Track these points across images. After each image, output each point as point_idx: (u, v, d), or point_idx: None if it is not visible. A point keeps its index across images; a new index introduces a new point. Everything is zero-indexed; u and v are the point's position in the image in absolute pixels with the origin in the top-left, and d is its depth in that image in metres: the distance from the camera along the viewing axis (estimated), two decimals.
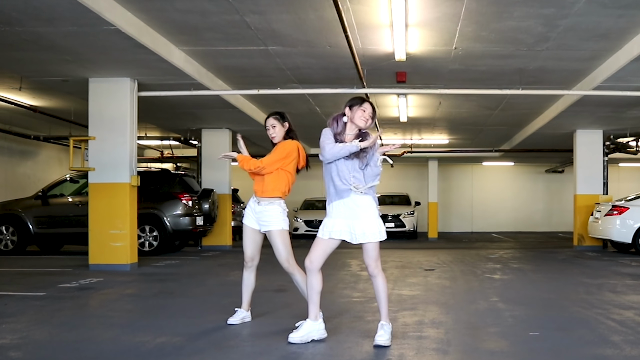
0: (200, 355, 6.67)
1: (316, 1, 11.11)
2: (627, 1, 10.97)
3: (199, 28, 12.71)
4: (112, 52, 13.07)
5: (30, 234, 19.25)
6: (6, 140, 25.11)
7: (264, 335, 7.59)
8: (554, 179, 40.81)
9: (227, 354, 6.75)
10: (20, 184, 26.25)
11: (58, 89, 17.10)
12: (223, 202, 23.02)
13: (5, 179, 25.72)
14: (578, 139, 23.52)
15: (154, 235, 19.18)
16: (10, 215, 19.40)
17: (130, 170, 15.19)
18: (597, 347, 7.04)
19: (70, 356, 6.67)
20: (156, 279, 13.68)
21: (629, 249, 20.99)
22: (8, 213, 19.46)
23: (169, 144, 28.29)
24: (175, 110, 19.69)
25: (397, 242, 27.98)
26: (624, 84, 15.29)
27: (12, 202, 20.10)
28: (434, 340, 7.35)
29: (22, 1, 10.14)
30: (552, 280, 13.70)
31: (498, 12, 11.65)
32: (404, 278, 13.64)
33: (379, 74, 16.10)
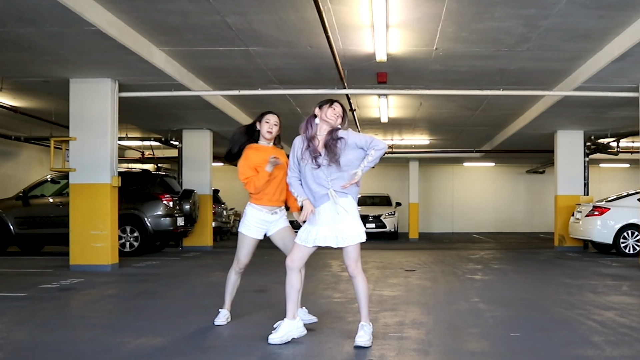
0: (181, 356, 6.66)
1: (297, 2, 11.13)
2: (607, 2, 11.01)
3: (179, 29, 12.73)
4: (93, 53, 13.07)
5: (10, 235, 19.18)
6: None
7: (245, 336, 7.57)
8: (535, 179, 40.92)
9: (208, 355, 6.72)
10: (0, 185, 26.23)
11: (39, 90, 17.08)
12: (204, 202, 22.99)
13: None
14: (559, 140, 23.61)
15: (134, 235, 19.17)
16: None
17: (111, 171, 15.15)
18: (578, 347, 7.04)
19: (51, 357, 6.65)
20: (137, 279, 13.67)
21: (610, 250, 21.03)
22: None
23: (150, 144, 28.40)
24: (156, 110, 19.69)
25: (378, 243, 27.99)
26: (605, 84, 15.33)
27: None
28: (414, 341, 7.35)
29: (3, 1, 10.16)
30: (533, 281, 13.74)
31: (479, 13, 11.69)
32: (384, 279, 13.66)
33: (360, 74, 16.09)
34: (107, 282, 13.00)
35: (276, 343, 7.01)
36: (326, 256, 18.16)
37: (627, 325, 8.30)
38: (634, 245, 19.61)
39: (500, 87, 16.28)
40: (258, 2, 11.21)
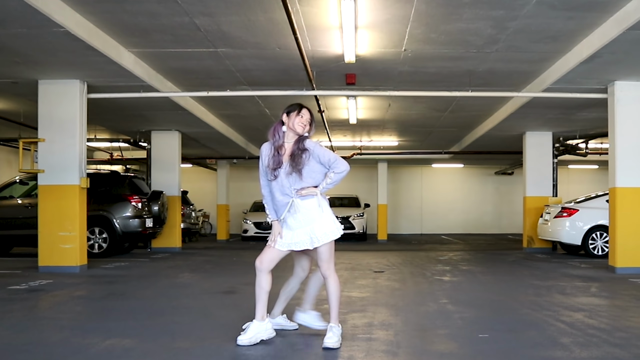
0: (149, 358, 6.65)
1: (266, 3, 11.13)
2: (576, 3, 11.05)
3: (148, 30, 12.69)
4: (62, 54, 13.04)
5: None
6: None
7: (214, 337, 7.57)
8: (504, 181, 40.96)
9: (177, 356, 6.73)
10: None
11: (7, 91, 17.03)
12: (172, 204, 23.00)
13: None
14: (527, 141, 23.69)
15: (103, 237, 19.16)
16: None
17: (79, 172, 15.16)
18: (547, 349, 7.07)
19: (20, 358, 6.62)
20: (106, 280, 13.63)
21: (579, 251, 21.15)
22: None
23: (119, 145, 28.33)
24: (125, 112, 19.67)
25: (346, 244, 27.98)
26: (574, 85, 15.41)
27: None
28: (383, 342, 7.37)
29: None
30: (502, 282, 13.77)
31: (447, 14, 11.69)
32: (353, 280, 13.67)
33: (329, 75, 16.10)
34: (76, 284, 12.97)
35: (245, 344, 7.02)
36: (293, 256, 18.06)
37: (595, 327, 8.33)
38: (603, 246, 19.65)
39: (468, 89, 16.37)
40: (226, 3, 11.20)
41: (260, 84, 17.05)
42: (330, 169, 7.09)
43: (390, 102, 20.25)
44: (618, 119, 15.18)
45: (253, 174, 38.47)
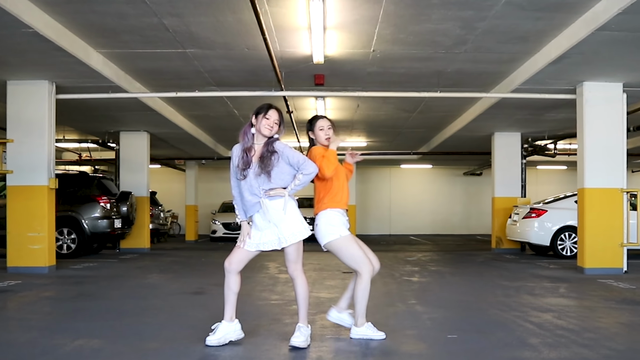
0: (118, 358, 6.65)
1: (234, 4, 11.13)
2: (544, 4, 11.10)
3: (117, 31, 12.67)
4: (30, 55, 13.03)
5: None
6: None
7: (183, 337, 7.55)
8: (472, 181, 41.01)
9: (146, 357, 6.71)
10: None
11: None
12: (141, 204, 23.00)
13: None
14: (496, 142, 23.76)
15: (72, 237, 19.19)
16: None
17: (48, 173, 15.14)
18: (516, 349, 7.08)
19: None
20: (74, 281, 13.59)
21: (547, 252, 21.26)
22: None
23: (87, 146, 28.18)
24: (94, 112, 19.64)
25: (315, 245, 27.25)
26: (542, 86, 15.49)
27: None
28: (351, 343, 7.37)
29: None
30: (470, 283, 13.80)
31: (416, 15, 11.71)
32: (322, 281, 13.68)
33: (297, 76, 16.13)
34: (45, 284, 12.93)
35: (213, 344, 7.01)
36: (263, 258, 18.22)
37: (564, 327, 8.36)
38: (571, 247, 19.70)
39: (437, 89, 16.45)
40: (195, 4, 11.21)
41: (229, 85, 17.08)
42: (299, 171, 7.09)
43: (358, 103, 20.29)
44: (587, 119, 15.25)
45: (222, 174, 38.47)
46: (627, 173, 15.57)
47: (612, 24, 10.88)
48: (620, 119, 15.31)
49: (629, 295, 11.61)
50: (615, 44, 12.18)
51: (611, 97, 15.30)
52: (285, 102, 18.36)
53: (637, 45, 12.28)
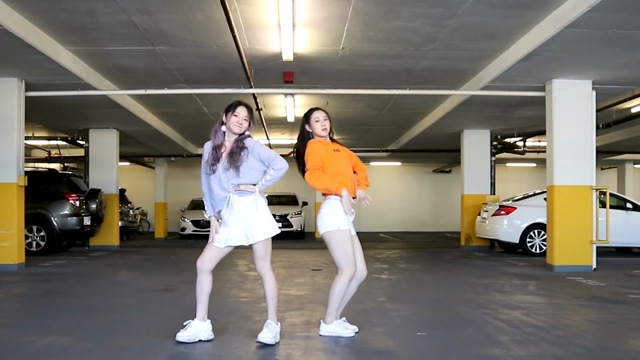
0: (88, 355, 6.62)
1: (204, 1, 11.16)
2: (514, 1, 11.15)
3: (86, 28, 12.67)
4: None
5: None
6: None
7: (153, 335, 7.54)
8: (442, 179, 41.21)
9: (115, 354, 6.69)
10: None
11: None
12: (110, 202, 22.98)
13: None
14: (465, 139, 23.80)
15: (41, 235, 19.19)
16: None
17: (17, 170, 15.11)
18: (485, 347, 7.10)
19: None
20: (44, 279, 13.54)
21: (516, 249, 21.31)
22: None
23: (57, 144, 28.15)
24: (63, 110, 19.61)
25: (284, 242, 28.07)
26: (511, 84, 15.54)
27: None
28: (321, 340, 7.38)
29: None
30: (440, 280, 13.80)
31: (385, 12, 11.76)
32: (291, 278, 13.71)
33: (267, 74, 16.17)
34: (14, 282, 12.91)
35: (184, 341, 7.01)
36: (233, 256, 18.19)
37: (533, 325, 8.39)
38: (540, 244, 19.75)
39: (406, 87, 16.39)
40: (164, 1, 11.22)
41: (199, 82, 17.08)
42: (270, 166, 7.10)
43: (328, 100, 20.30)
44: (556, 117, 15.33)
45: (191, 172, 38.82)
46: (596, 170, 15.65)
47: (582, 21, 10.94)
48: (590, 117, 15.39)
49: (598, 292, 11.64)
50: (584, 42, 12.24)
51: (580, 94, 15.36)
52: (255, 100, 18.45)
53: (606, 43, 12.35)
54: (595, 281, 13.27)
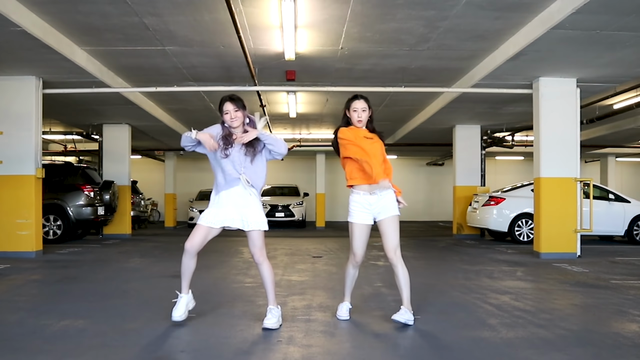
0: (101, 337, 6.60)
1: (210, 4, 11.17)
2: (503, 4, 11.17)
3: (100, 29, 12.68)
4: (18, 52, 13.00)
5: None
6: None
7: (162, 318, 7.51)
8: (435, 171, 41.15)
9: (127, 336, 6.68)
10: None
11: None
12: (123, 193, 23.04)
13: None
14: (457, 134, 23.83)
15: (58, 224, 19.22)
16: None
17: (35, 163, 15.13)
18: (475, 329, 7.10)
19: None
20: (60, 265, 13.53)
21: (505, 237, 21.39)
22: None
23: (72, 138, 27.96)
24: (78, 106, 19.61)
25: (286, 231, 28.13)
26: (500, 81, 15.54)
27: None
28: (321, 323, 7.39)
29: None
30: (433, 267, 13.76)
31: (382, 14, 11.77)
32: (293, 265, 13.70)
33: (270, 72, 16.19)
34: (32, 268, 12.89)
35: (180, 319, 7.08)
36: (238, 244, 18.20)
37: (521, 309, 8.40)
38: (528, 233, 19.79)
39: (402, 84, 16.39)
40: (174, 4, 11.22)
41: (206, 80, 17.11)
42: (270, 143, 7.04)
43: (327, 97, 20.37)
44: (542, 113, 15.38)
45: (199, 164, 38.72)
46: (580, 163, 15.65)
47: (567, 23, 10.97)
48: (574, 113, 15.42)
49: (582, 278, 11.64)
50: (569, 42, 12.26)
51: (565, 91, 15.40)
52: (259, 97, 18.47)
53: (590, 43, 12.37)
54: (579, 268, 13.27)
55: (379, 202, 7.39)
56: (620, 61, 13.81)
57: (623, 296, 9.59)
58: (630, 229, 20.41)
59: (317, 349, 6.21)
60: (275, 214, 31.08)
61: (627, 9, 10.45)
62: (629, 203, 20.68)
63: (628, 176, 41.19)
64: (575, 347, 6.33)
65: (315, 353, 6.01)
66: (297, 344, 6.43)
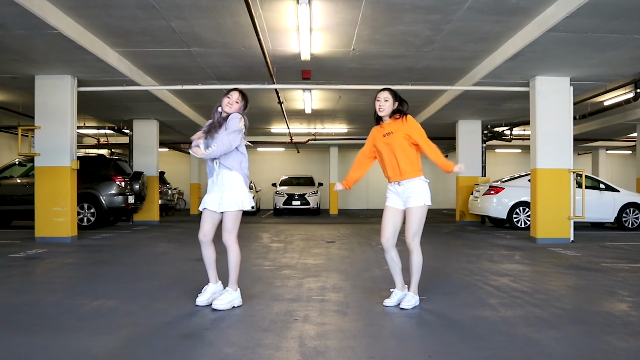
0: (131, 317, 6.63)
1: (232, 8, 11.18)
2: (502, 9, 11.17)
3: (130, 32, 12.71)
4: (55, 53, 13.04)
5: None
6: None
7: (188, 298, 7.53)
8: None
9: (155, 315, 6.70)
10: None
11: (8, 85, 16.98)
12: (151, 183, 23.10)
13: None
14: (460, 128, 23.82)
15: (91, 211, 19.25)
16: None
17: (71, 155, 15.17)
18: (477, 309, 7.11)
19: (19, 317, 6.59)
20: (93, 249, 13.53)
21: (504, 224, 21.35)
22: None
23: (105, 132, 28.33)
24: (110, 103, 19.66)
25: (302, 218, 28.26)
26: (500, 80, 15.54)
27: None
28: (334, 303, 7.40)
29: None
30: (438, 251, 13.68)
31: (390, 18, 11.78)
32: (308, 249, 13.70)
33: (287, 71, 16.20)
34: (68, 252, 12.90)
35: (203, 304, 7.08)
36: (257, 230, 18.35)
37: (519, 290, 8.40)
38: (525, 220, 19.78)
39: (409, 83, 16.50)
40: (198, 8, 11.24)
41: (228, 79, 17.11)
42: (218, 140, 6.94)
43: (340, 95, 20.40)
44: (538, 109, 15.33)
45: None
46: (573, 155, 15.62)
47: (561, 26, 10.96)
48: (568, 109, 15.39)
49: (575, 261, 11.62)
50: (563, 44, 12.24)
51: (560, 89, 15.38)
52: (277, 94, 18.59)
53: (582, 45, 12.35)
54: (572, 252, 13.25)
55: (406, 191, 7.30)
56: (610, 61, 13.78)
57: (613, 278, 9.57)
58: (619, 216, 20.37)
59: (330, 326, 6.22)
60: (292, 202, 31.29)
61: (616, 13, 10.44)
62: (619, 192, 20.65)
63: (617, 167, 41.12)
64: (569, 325, 6.32)
65: (328, 330, 6.02)
66: (312, 322, 6.44)
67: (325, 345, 5.48)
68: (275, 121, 27.42)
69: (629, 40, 12.09)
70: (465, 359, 5.10)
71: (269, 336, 5.84)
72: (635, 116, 23.49)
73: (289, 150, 40.35)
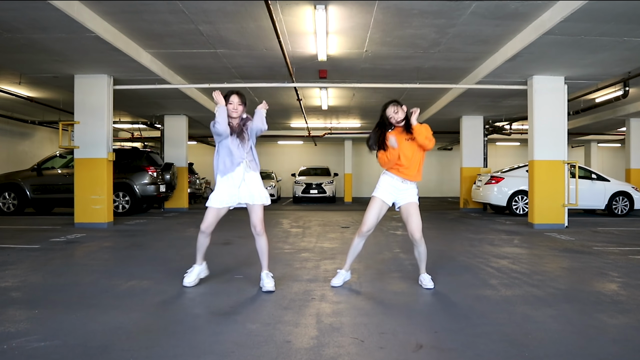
0: (163, 295, 6.66)
1: (255, 13, 11.18)
2: (502, 14, 11.16)
3: (162, 35, 12.73)
4: (93, 54, 13.06)
5: (27, 199, 19.31)
6: (8, 124, 25.47)
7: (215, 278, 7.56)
8: (445, 155, 40.74)
9: (184, 293, 6.73)
10: (19, 159, 26.61)
11: (50, 83, 16.93)
12: (181, 173, 23.03)
13: (8, 155, 25.95)
14: (463, 123, 23.77)
15: (126, 199, 19.26)
16: (12, 183, 19.42)
17: (107, 148, 15.22)
18: (479, 288, 7.11)
19: (60, 296, 6.61)
20: (128, 234, 13.54)
21: (504, 211, 21.43)
22: (10, 182, 19.48)
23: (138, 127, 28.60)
24: (143, 100, 19.66)
25: (319, 205, 28.14)
26: (500, 79, 15.48)
27: (13, 173, 20.00)
28: (348, 283, 7.41)
29: (21, 13, 10.18)
30: (443, 236, 13.66)
31: (400, 22, 11.76)
32: (325, 234, 13.70)
33: (305, 71, 16.17)
34: (104, 237, 12.92)
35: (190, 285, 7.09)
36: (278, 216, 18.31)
37: (517, 271, 8.39)
38: (523, 207, 19.79)
39: (416, 81, 16.61)
40: (224, 13, 11.24)
41: (251, 78, 17.06)
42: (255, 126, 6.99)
43: (354, 92, 20.35)
44: (536, 105, 15.29)
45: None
46: (567, 148, 15.57)
47: (556, 29, 10.93)
48: (562, 105, 15.33)
49: (569, 245, 11.61)
50: (558, 46, 12.20)
51: (555, 87, 15.33)
52: (296, 92, 18.74)
53: (575, 47, 12.31)
54: (566, 236, 13.23)
55: (405, 190, 7.15)
56: (601, 62, 13.73)
57: (603, 260, 9.56)
58: (609, 204, 20.36)
59: (345, 305, 6.22)
60: (309, 191, 31.13)
61: (607, 17, 10.40)
62: (609, 182, 20.59)
63: (608, 159, 40.94)
64: (564, 303, 6.31)
65: (343, 308, 6.03)
66: (328, 300, 6.45)
67: (340, 322, 5.48)
68: (294, 117, 27.39)
69: (618, 42, 12.06)
70: (469, 335, 5.09)
71: (289, 313, 5.84)
72: (625, 112, 23.46)
73: (307, 144, 40.26)
